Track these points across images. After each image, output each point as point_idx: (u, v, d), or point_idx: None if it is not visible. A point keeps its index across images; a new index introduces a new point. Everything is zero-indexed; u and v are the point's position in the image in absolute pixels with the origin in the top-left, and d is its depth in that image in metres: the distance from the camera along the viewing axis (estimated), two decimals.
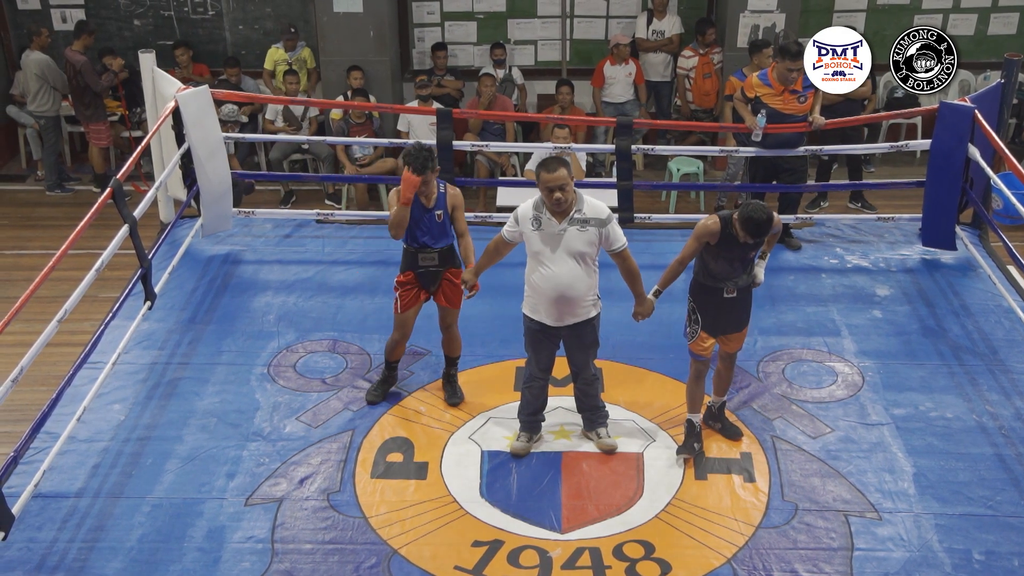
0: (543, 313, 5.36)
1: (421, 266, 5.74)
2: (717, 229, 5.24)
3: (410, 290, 5.80)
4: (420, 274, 5.78)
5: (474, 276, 5.63)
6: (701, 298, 5.43)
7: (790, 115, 7.57)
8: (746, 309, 5.51)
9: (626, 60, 10.57)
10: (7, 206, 10.42)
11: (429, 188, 5.59)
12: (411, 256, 5.76)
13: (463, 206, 5.80)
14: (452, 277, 5.80)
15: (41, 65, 10.24)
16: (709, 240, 5.28)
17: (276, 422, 5.90)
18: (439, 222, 5.69)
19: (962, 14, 11.14)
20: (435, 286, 5.81)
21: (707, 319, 5.43)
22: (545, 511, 5.27)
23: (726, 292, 5.37)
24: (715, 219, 5.27)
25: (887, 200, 9.83)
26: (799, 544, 5.05)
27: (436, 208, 5.67)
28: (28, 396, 6.25)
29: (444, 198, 5.70)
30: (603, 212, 5.28)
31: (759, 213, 5.10)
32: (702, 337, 5.46)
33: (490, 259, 5.57)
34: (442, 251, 5.73)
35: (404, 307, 5.83)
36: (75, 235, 5.73)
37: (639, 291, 5.48)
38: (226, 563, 4.93)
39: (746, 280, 5.41)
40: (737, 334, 5.54)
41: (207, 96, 7.55)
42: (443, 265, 5.77)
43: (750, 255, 5.35)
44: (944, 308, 7.03)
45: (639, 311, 5.53)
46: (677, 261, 5.43)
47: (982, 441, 5.74)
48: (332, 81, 10.58)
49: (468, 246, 5.76)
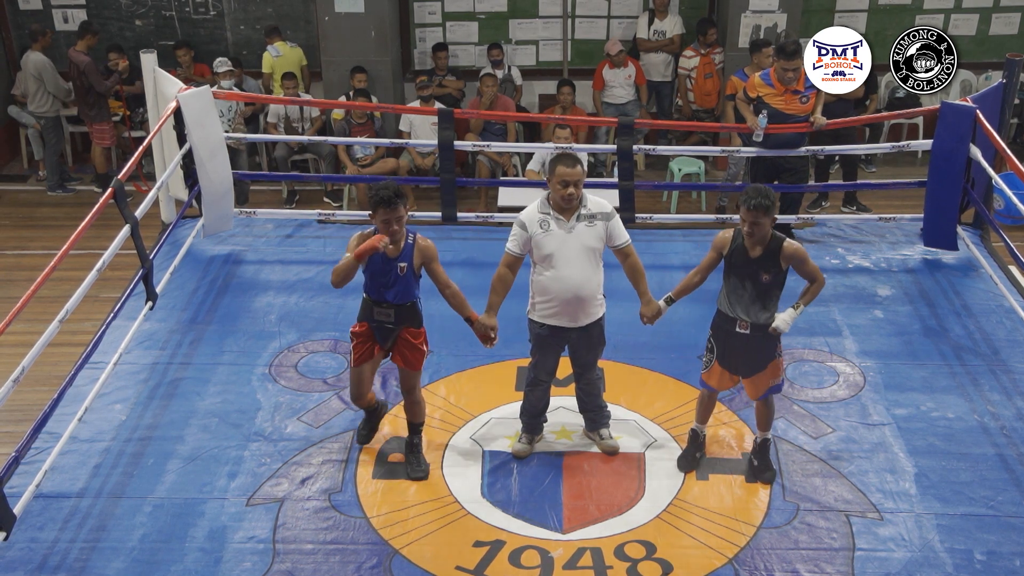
0: (558, 316, 5.31)
1: (376, 319, 5.22)
2: (729, 237, 5.16)
3: (364, 343, 5.26)
4: (375, 328, 5.24)
5: (492, 318, 5.31)
6: (717, 328, 5.32)
7: (792, 115, 7.57)
8: (761, 354, 5.22)
9: (624, 63, 10.57)
10: (8, 206, 10.43)
11: (397, 234, 5.03)
12: (367, 306, 5.22)
13: (437, 258, 5.19)
14: (410, 337, 5.24)
15: (39, 66, 10.25)
16: (722, 250, 5.18)
17: (277, 422, 5.90)
18: (401, 275, 5.10)
19: (963, 14, 11.14)
20: (390, 344, 5.28)
21: (720, 351, 5.30)
22: (546, 511, 5.27)
23: (739, 327, 5.16)
24: (730, 229, 5.20)
25: (888, 200, 9.83)
26: (800, 544, 5.04)
27: (400, 260, 5.09)
28: (30, 396, 6.25)
29: (411, 250, 5.11)
30: (607, 207, 5.29)
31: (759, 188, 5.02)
32: (715, 369, 5.35)
33: (503, 288, 5.31)
34: (400, 308, 5.16)
35: (358, 360, 5.29)
36: (76, 235, 5.73)
37: (644, 289, 5.42)
38: (227, 563, 4.92)
39: (763, 319, 5.15)
40: (755, 377, 5.29)
41: (208, 96, 7.56)
42: (399, 324, 5.21)
43: (762, 278, 5.11)
44: (945, 308, 7.03)
45: (645, 312, 5.44)
46: (695, 271, 5.33)
47: (983, 441, 5.74)
48: (333, 81, 10.59)
49: (457, 295, 5.25)
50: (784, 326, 5.14)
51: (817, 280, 5.21)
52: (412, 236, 5.16)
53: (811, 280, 5.22)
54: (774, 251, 5.09)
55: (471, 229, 8.07)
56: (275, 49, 10.68)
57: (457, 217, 8.10)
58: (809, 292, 5.23)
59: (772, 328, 5.14)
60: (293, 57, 10.78)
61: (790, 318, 5.17)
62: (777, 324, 5.14)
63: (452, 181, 8.06)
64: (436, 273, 5.22)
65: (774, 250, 5.09)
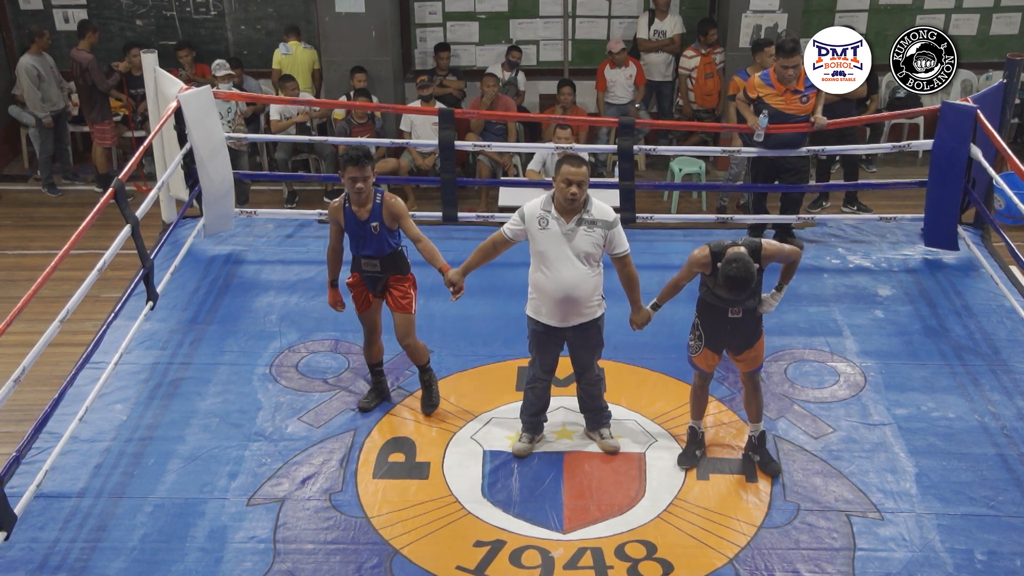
0: (548, 315, 5.35)
1: (365, 270, 5.69)
2: (708, 262, 5.11)
3: (360, 292, 5.77)
4: (366, 278, 5.71)
5: (461, 276, 5.45)
6: (705, 315, 5.34)
7: (792, 115, 7.57)
8: (753, 330, 5.33)
9: (626, 63, 10.57)
10: (9, 206, 10.43)
11: (364, 193, 5.42)
12: (356, 261, 5.71)
13: (406, 214, 5.56)
14: (395, 283, 5.70)
15: (26, 68, 10.24)
16: (702, 271, 5.20)
17: (278, 422, 5.91)
18: (375, 234, 5.53)
19: (964, 14, 11.13)
20: (379, 290, 5.73)
21: (710, 336, 5.34)
22: (547, 511, 5.27)
23: (731, 312, 5.23)
24: (706, 252, 5.11)
25: (889, 200, 9.82)
26: (801, 544, 5.05)
27: (371, 220, 5.50)
28: (30, 396, 6.25)
29: (379, 209, 5.50)
30: (610, 215, 5.28)
31: (740, 271, 4.90)
32: (705, 352, 5.40)
33: (484, 257, 5.45)
34: (384, 259, 5.62)
35: (359, 309, 5.82)
36: (77, 235, 5.74)
37: (636, 298, 5.46)
38: (228, 563, 4.93)
39: (752, 303, 5.25)
40: (746, 354, 5.37)
41: (209, 96, 7.56)
42: (385, 271, 5.66)
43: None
44: (946, 308, 7.03)
45: (635, 320, 5.52)
46: (672, 283, 5.36)
47: (984, 441, 5.74)
48: (334, 81, 10.59)
49: (429, 248, 5.53)
50: (770, 308, 5.37)
51: (795, 261, 5.35)
52: (380, 196, 5.53)
53: (790, 262, 5.34)
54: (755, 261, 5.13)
55: (471, 229, 8.07)
56: (285, 47, 10.68)
57: (458, 217, 8.11)
58: (788, 272, 5.39)
59: (759, 310, 5.32)
60: (304, 58, 10.76)
61: (775, 300, 5.39)
62: (764, 308, 5.34)
63: (453, 181, 8.06)
64: (407, 228, 5.57)
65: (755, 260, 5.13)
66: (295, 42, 10.74)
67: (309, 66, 10.82)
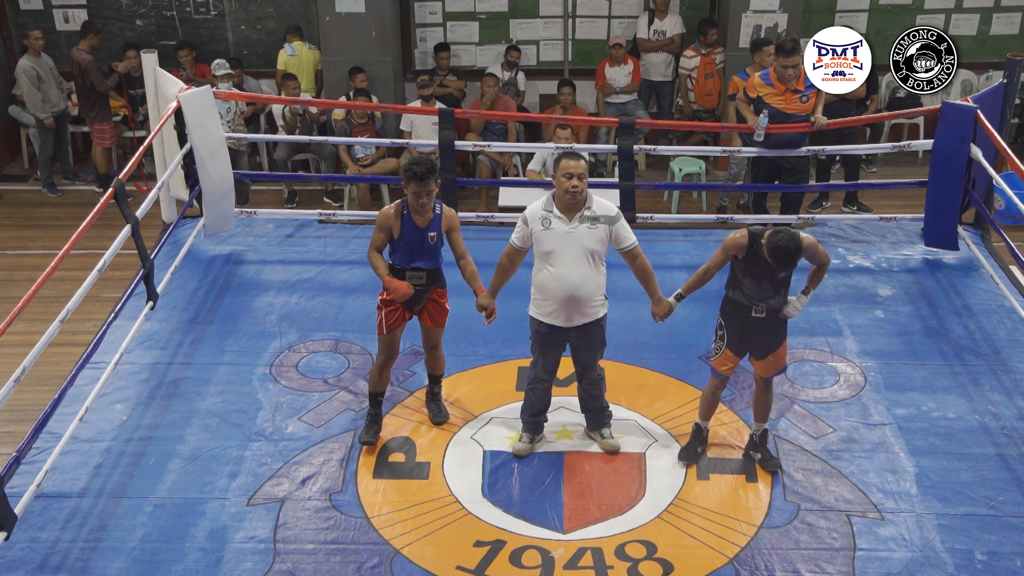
0: (553, 315, 5.34)
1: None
2: (744, 244, 5.13)
3: (395, 309, 5.56)
4: None
5: (491, 299, 5.48)
6: (729, 315, 5.34)
7: (792, 115, 7.58)
8: (776, 333, 5.32)
9: (624, 60, 10.57)
10: (9, 206, 10.42)
11: (426, 207, 5.41)
12: (398, 275, 5.53)
13: (459, 228, 5.59)
14: (437, 297, 5.63)
15: (25, 70, 10.24)
16: (736, 254, 5.19)
17: (278, 422, 5.91)
18: (431, 244, 5.50)
19: (964, 14, 11.12)
20: (419, 305, 5.62)
21: (732, 337, 5.34)
22: (547, 511, 5.27)
23: (755, 311, 5.24)
24: (744, 233, 5.16)
25: (889, 200, 9.82)
26: (801, 544, 5.05)
27: (430, 229, 5.47)
28: (30, 396, 6.25)
29: (439, 220, 5.49)
30: (612, 210, 5.29)
31: (787, 242, 4.91)
32: (726, 355, 5.39)
33: (504, 275, 5.48)
34: (430, 271, 5.55)
35: (390, 327, 5.58)
36: (77, 235, 5.74)
37: (654, 289, 5.44)
38: (228, 563, 4.93)
39: (777, 303, 5.25)
40: (768, 358, 5.36)
41: (209, 96, 7.56)
42: (430, 285, 5.58)
43: (779, 275, 5.16)
44: (946, 308, 7.03)
45: (656, 311, 5.47)
46: (703, 270, 5.35)
47: (984, 441, 5.74)
48: (334, 81, 10.59)
49: (470, 267, 5.55)
50: (795, 311, 5.30)
51: (825, 263, 5.31)
52: (439, 206, 5.53)
53: (820, 264, 5.30)
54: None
55: (472, 229, 8.04)
56: (291, 48, 10.67)
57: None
58: (817, 276, 5.34)
59: (783, 313, 5.27)
60: (309, 58, 10.76)
61: (801, 304, 5.33)
62: (788, 310, 5.28)
63: (453, 181, 8.06)
64: (455, 242, 5.58)
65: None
66: (300, 43, 10.74)
67: (313, 66, 10.83)
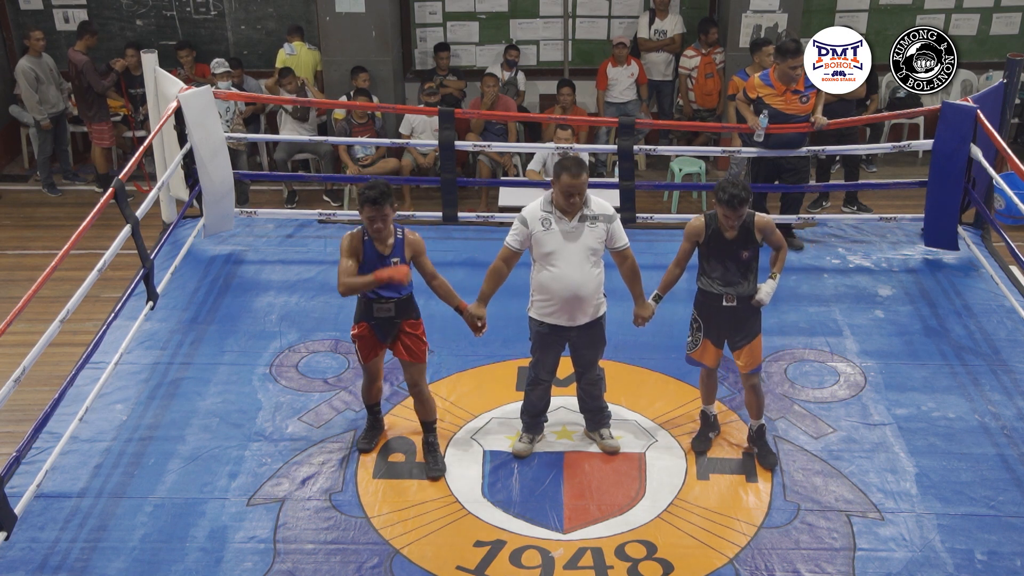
0: (556, 315, 5.33)
1: (376, 317, 5.29)
2: (701, 225, 5.31)
3: (367, 341, 5.39)
4: (374, 325, 5.33)
5: (482, 307, 5.37)
6: (701, 306, 5.45)
7: (792, 115, 7.57)
8: (749, 322, 5.39)
9: (627, 61, 10.58)
10: (9, 206, 10.42)
11: (384, 232, 5.16)
12: (364, 306, 5.31)
13: (424, 251, 5.31)
14: (410, 329, 5.37)
15: (23, 71, 10.25)
16: (697, 239, 5.33)
17: (278, 422, 5.91)
18: None
19: (964, 14, 11.13)
20: (391, 338, 5.38)
21: (708, 326, 5.42)
22: (547, 511, 5.27)
23: (725, 300, 5.33)
24: (699, 217, 5.35)
25: (889, 200, 9.82)
26: (801, 544, 5.05)
27: (392, 255, 5.20)
28: (30, 396, 6.25)
29: (402, 245, 5.24)
30: (609, 209, 5.32)
31: (734, 184, 5.12)
32: (705, 345, 5.45)
33: (498, 280, 5.37)
34: (399, 301, 5.27)
35: (366, 358, 5.45)
36: (77, 235, 5.74)
37: (639, 291, 5.48)
38: (228, 563, 4.93)
39: (747, 290, 5.32)
40: (744, 349, 5.41)
41: (209, 96, 7.56)
42: (399, 316, 5.31)
43: (742, 255, 5.27)
44: (946, 308, 7.03)
45: (639, 313, 5.51)
46: (673, 264, 5.47)
47: (984, 441, 5.74)
48: (334, 81, 10.59)
49: (444, 286, 5.35)
50: (766, 298, 5.36)
51: (783, 246, 5.43)
52: (401, 231, 5.29)
53: (778, 247, 5.41)
54: (748, 228, 5.27)
55: (472, 229, 8.07)
56: (290, 47, 10.68)
57: (458, 217, 8.11)
58: (779, 259, 5.43)
59: (755, 300, 5.34)
60: (308, 59, 10.76)
61: (771, 289, 5.39)
62: (760, 296, 5.36)
63: (453, 181, 8.06)
64: (423, 265, 5.33)
65: (748, 227, 5.27)
66: (299, 42, 10.75)
67: (313, 67, 10.83)
